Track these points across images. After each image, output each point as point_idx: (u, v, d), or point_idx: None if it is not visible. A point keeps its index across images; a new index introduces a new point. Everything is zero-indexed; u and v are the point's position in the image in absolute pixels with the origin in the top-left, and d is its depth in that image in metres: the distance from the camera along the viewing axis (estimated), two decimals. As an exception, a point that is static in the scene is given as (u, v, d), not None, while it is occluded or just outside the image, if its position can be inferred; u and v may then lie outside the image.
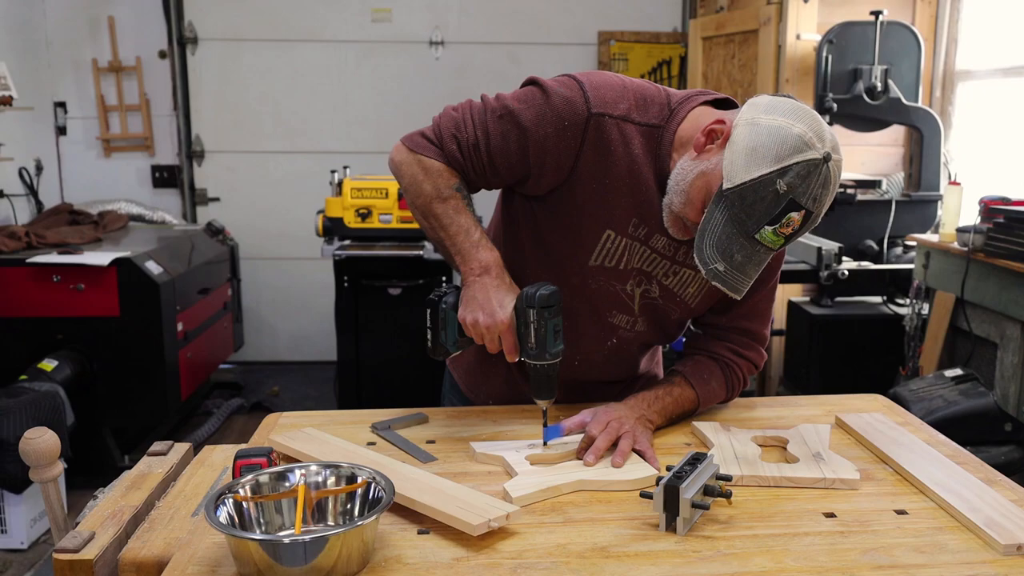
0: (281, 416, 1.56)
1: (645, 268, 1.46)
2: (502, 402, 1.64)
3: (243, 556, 1.00)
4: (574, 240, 1.43)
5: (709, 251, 1.26)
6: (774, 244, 1.25)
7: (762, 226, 1.23)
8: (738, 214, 1.24)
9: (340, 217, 3.60)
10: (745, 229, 1.24)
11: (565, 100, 1.36)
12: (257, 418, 1.63)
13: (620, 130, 1.37)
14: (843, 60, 3.62)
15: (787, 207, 1.21)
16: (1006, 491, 1.24)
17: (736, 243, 1.25)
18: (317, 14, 4.84)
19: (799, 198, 1.21)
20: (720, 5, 4.53)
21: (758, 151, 1.22)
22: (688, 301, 1.50)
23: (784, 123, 1.22)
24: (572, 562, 1.05)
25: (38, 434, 1.28)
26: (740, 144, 1.24)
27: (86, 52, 4.65)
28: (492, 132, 1.39)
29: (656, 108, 1.39)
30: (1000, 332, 2.83)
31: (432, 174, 1.41)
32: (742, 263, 1.26)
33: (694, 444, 1.44)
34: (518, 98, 1.39)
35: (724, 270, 1.26)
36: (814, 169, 1.20)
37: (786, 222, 1.22)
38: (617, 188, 1.39)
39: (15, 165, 4.19)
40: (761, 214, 1.22)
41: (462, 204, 1.41)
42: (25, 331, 3.35)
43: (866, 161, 4.08)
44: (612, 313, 1.50)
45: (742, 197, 1.23)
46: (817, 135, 1.21)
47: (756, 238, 1.24)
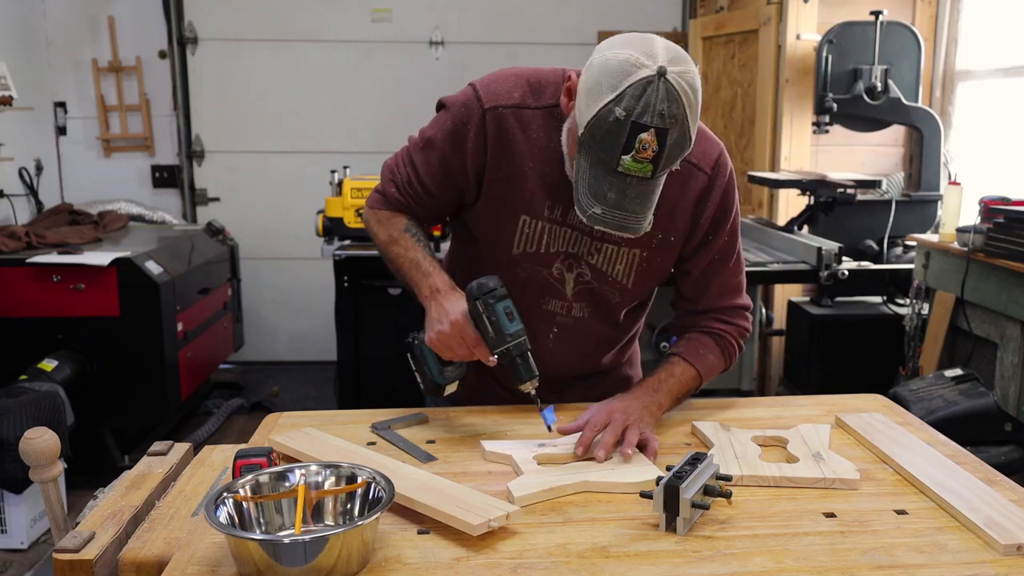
0: (281, 416, 1.56)
1: (570, 250, 1.50)
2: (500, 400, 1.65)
3: (243, 556, 1.00)
4: (496, 233, 1.51)
5: (584, 199, 1.28)
6: (642, 171, 1.23)
7: (619, 156, 1.22)
8: (596, 153, 1.25)
9: (340, 217, 3.60)
10: (607, 165, 1.24)
11: (462, 106, 1.46)
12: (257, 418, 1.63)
13: (517, 117, 1.44)
14: (843, 60, 3.62)
15: (633, 130, 1.20)
16: (1006, 491, 1.24)
17: (605, 182, 1.25)
18: (317, 14, 4.84)
19: (640, 118, 1.20)
20: (720, 5, 4.53)
21: (592, 88, 1.24)
22: (621, 279, 1.52)
23: (611, 54, 1.24)
24: (572, 562, 1.05)
25: (38, 434, 1.28)
26: (582, 89, 1.27)
27: (86, 52, 4.65)
28: (418, 163, 1.51)
29: (551, 88, 1.46)
30: (1000, 332, 2.83)
31: (384, 222, 1.56)
32: (618, 200, 1.26)
33: (694, 444, 1.44)
34: (432, 124, 1.51)
35: (602, 212, 1.26)
36: (648, 86, 1.19)
37: (640, 146, 1.21)
38: (525, 173, 1.45)
39: (15, 165, 4.19)
40: (612, 145, 1.22)
41: (412, 242, 1.53)
42: (25, 331, 3.35)
43: (866, 161, 4.08)
44: (545, 299, 1.53)
45: (592, 136, 1.24)
46: (646, 54, 1.21)
47: (619, 171, 1.23)
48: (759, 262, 3.33)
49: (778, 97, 4.01)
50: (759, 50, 4.10)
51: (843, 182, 3.49)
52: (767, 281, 3.76)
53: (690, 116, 1.23)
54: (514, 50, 4.92)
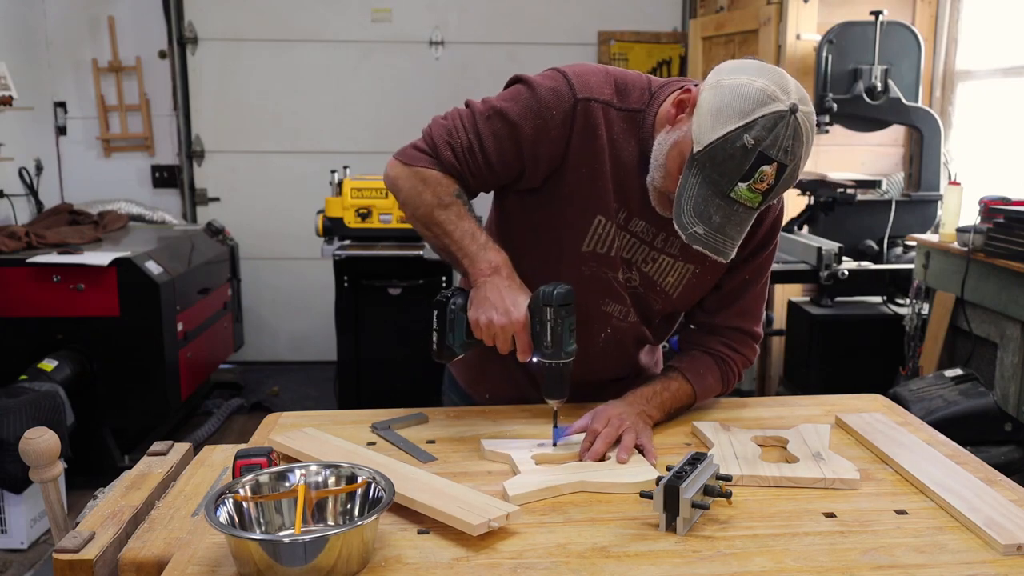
0: (281, 416, 1.56)
1: (626, 255, 1.48)
2: (500, 398, 1.65)
3: (243, 556, 1.00)
4: (566, 227, 1.45)
5: (687, 216, 1.26)
6: (752, 201, 1.24)
7: (735, 183, 1.22)
8: (711, 175, 1.24)
9: (340, 217, 3.60)
10: (720, 189, 1.24)
11: (551, 90, 1.39)
12: (257, 418, 1.63)
13: (605, 115, 1.41)
14: (843, 60, 3.61)
15: (757, 161, 1.21)
16: (1006, 491, 1.24)
17: (712, 204, 1.24)
18: (317, 14, 4.84)
19: (768, 151, 1.20)
20: (720, 5, 4.53)
21: (722, 110, 1.23)
22: (668, 291, 1.51)
23: (746, 80, 1.23)
24: (572, 562, 1.05)
25: (38, 434, 1.28)
26: (705, 106, 1.25)
27: (86, 52, 4.65)
28: (484, 133, 1.41)
29: (637, 93, 1.43)
30: (1000, 332, 2.83)
31: (431, 183, 1.42)
32: (721, 224, 1.25)
33: (694, 444, 1.44)
34: (505, 97, 1.43)
35: (704, 232, 1.25)
36: (780, 120, 1.20)
37: (759, 177, 1.22)
38: (603, 173, 1.42)
39: (15, 165, 4.19)
40: (733, 171, 1.22)
41: (464, 209, 1.43)
42: (25, 331, 3.35)
43: (866, 161, 4.08)
44: (605, 302, 1.51)
45: (712, 157, 1.23)
46: (781, 88, 1.22)
47: (732, 196, 1.23)
48: (759, 262, 3.32)
49: (778, 97, 4.00)
50: (759, 50, 4.10)
51: (843, 182, 3.49)
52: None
53: (805, 157, 1.25)
54: (514, 50, 4.92)
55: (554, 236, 1.47)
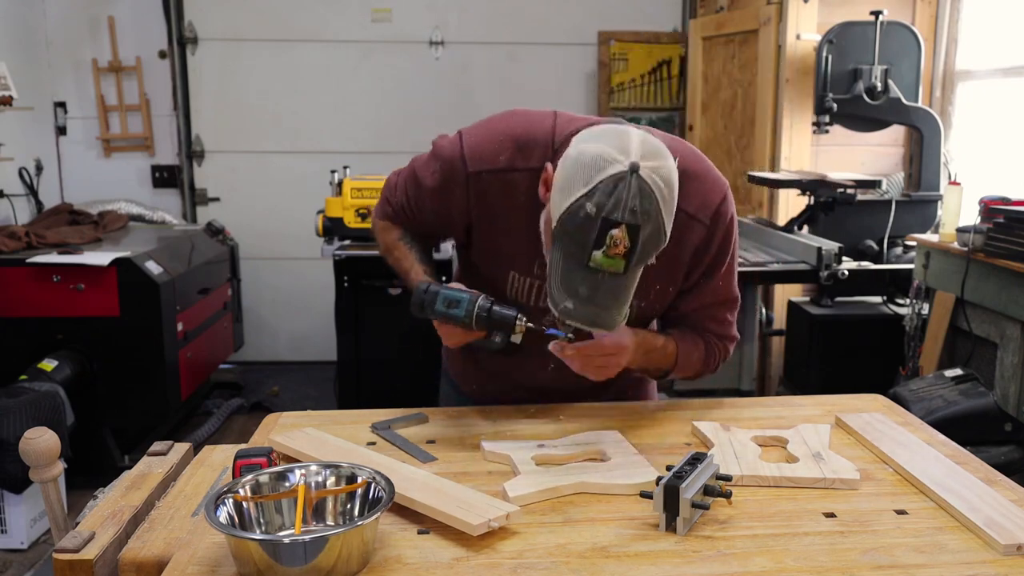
0: (281, 416, 1.56)
1: None
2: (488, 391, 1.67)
3: (243, 556, 1.00)
4: (492, 276, 1.53)
5: (557, 293, 1.25)
6: (615, 267, 1.21)
7: (590, 252, 1.20)
8: (568, 247, 1.22)
9: (340, 217, 3.60)
10: (579, 260, 1.22)
11: (447, 162, 1.48)
12: (257, 418, 1.63)
13: (503, 181, 1.44)
14: (843, 60, 3.61)
15: (603, 226, 1.18)
16: (1006, 491, 1.24)
17: (576, 277, 1.23)
18: (317, 14, 4.84)
19: (611, 215, 1.17)
20: (720, 5, 4.53)
21: (567, 181, 1.22)
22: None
23: (584, 148, 1.23)
24: (572, 562, 1.05)
25: (38, 434, 1.28)
26: (557, 181, 1.25)
27: (86, 52, 4.64)
28: (410, 195, 1.57)
29: (539, 150, 1.43)
30: (1000, 332, 2.83)
31: (381, 231, 1.65)
32: (590, 295, 1.23)
33: (694, 444, 1.44)
34: (420, 162, 1.55)
35: (574, 307, 1.24)
36: (620, 182, 1.17)
37: (611, 242, 1.19)
38: (510, 233, 1.46)
39: (15, 165, 4.19)
40: (583, 240, 1.20)
41: (404, 251, 1.61)
42: (25, 331, 3.35)
43: (866, 161, 4.08)
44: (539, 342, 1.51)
45: (565, 230, 1.22)
46: (619, 149, 1.19)
47: (591, 266, 1.21)
48: (759, 262, 3.33)
49: (778, 97, 4.01)
50: (759, 50, 4.10)
51: (843, 182, 3.49)
52: (767, 281, 3.75)
53: (664, 211, 1.21)
54: (514, 50, 4.93)
55: (486, 280, 1.53)
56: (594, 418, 1.53)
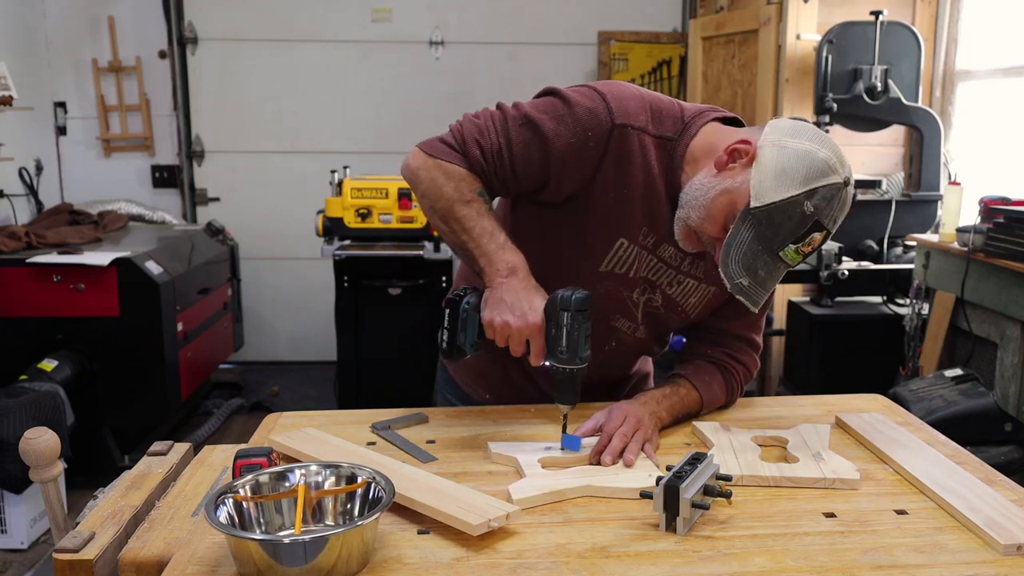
0: (281, 416, 1.56)
1: (651, 277, 1.48)
2: (499, 398, 1.65)
3: (243, 556, 1.00)
4: (586, 245, 1.44)
5: (735, 266, 1.30)
6: (793, 261, 1.31)
7: (786, 244, 1.29)
8: (764, 232, 1.28)
9: (340, 217, 3.60)
10: (771, 246, 1.29)
11: (588, 111, 1.37)
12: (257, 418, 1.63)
13: (640, 141, 1.39)
14: (843, 60, 3.62)
15: (812, 227, 1.28)
16: (1006, 491, 1.24)
17: (761, 259, 1.30)
18: (317, 14, 4.84)
19: (823, 219, 1.28)
20: (720, 5, 4.53)
21: (787, 173, 1.27)
22: (689, 311, 1.53)
23: (811, 147, 1.29)
24: (572, 562, 1.05)
25: (38, 434, 1.28)
26: (769, 165, 1.28)
27: (86, 52, 4.65)
28: (515, 140, 1.38)
29: (670, 121, 1.42)
30: (1000, 332, 2.83)
31: (454, 178, 1.40)
32: (764, 278, 1.32)
33: (694, 444, 1.44)
34: (539, 108, 1.39)
35: (748, 284, 1.31)
36: (837, 193, 1.29)
37: (808, 241, 1.29)
38: (632, 198, 1.41)
39: (15, 165, 4.19)
40: (787, 233, 1.28)
41: (484, 208, 1.40)
42: (25, 331, 3.35)
43: (866, 161, 4.08)
44: (616, 317, 1.51)
45: (770, 216, 1.28)
46: (840, 161, 1.30)
47: (780, 255, 1.30)
48: (759, 262, 3.32)
49: (778, 97, 4.00)
50: (759, 50, 4.10)
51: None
52: (767, 281, 3.75)
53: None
54: (514, 50, 4.93)
55: (570, 253, 1.45)
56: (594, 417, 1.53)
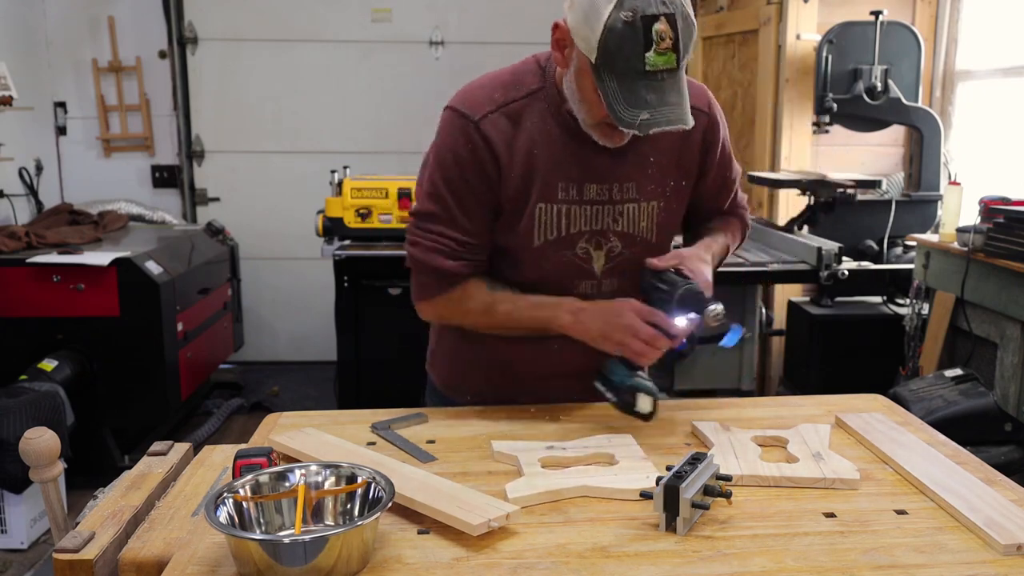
0: (281, 416, 1.56)
1: (594, 227, 1.49)
2: (482, 400, 1.64)
3: (243, 556, 1.00)
4: (517, 231, 1.49)
5: (626, 114, 1.27)
6: (669, 63, 1.25)
7: (643, 57, 1.24)
8: (619, 66, 1.26)
9: (340, 217, 3.60)
10: (637, 70, 1.25)
11: (449, 134, 1.46)
12: (257, 418, 1.63)
13: (508, 115, 1.44)
14: (843, 60, 3.61)
15: (645, 25, 1.23)
16: (1006, 491, 1.24)
17: (639, 87, 1.26)
18: (317, 14, 4.84)
19: (647, 10, 1.22)
20: (720, 5, 4.53)
21: (590, 11, 1.25)
22: (646, 236, 1.53)
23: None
24: (572, 562, 1.05)
25: (38, 434, 1.28)
26: (575, 21, 1.29)
27: (86, 52, 4.65)
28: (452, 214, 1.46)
29: (530, 76, 1.48)
30: (1000, 332, 2.83)
31: (461, 300, 1.51)
32: (659, 98, 1.27)
33: (694, 444, 1.44)
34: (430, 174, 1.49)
35: (650, 115, 1.27)
36: None
37: (658, 38, 1.23)
38: (533, 164, 1.45)
39: (15, 165, 4.19)
40: (633, 50, 1.24)
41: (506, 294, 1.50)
42: (25, 331, 3.35)
43: (866, 161, 4.08)
44: (574, 283, 1.53)
45: (609, 52, 1.25)
46: None
47: (649, 70, 1.25)
48: (759, 262, 3.33)
49: (778, 97, 4.01)
50: (759, 50, 4.10)
51: (843, 182, 3.49)
52: (767, 281, 3.75)
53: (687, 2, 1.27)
54: (514, 50, 4.84)
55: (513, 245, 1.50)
56: (594, 419, 1.53)
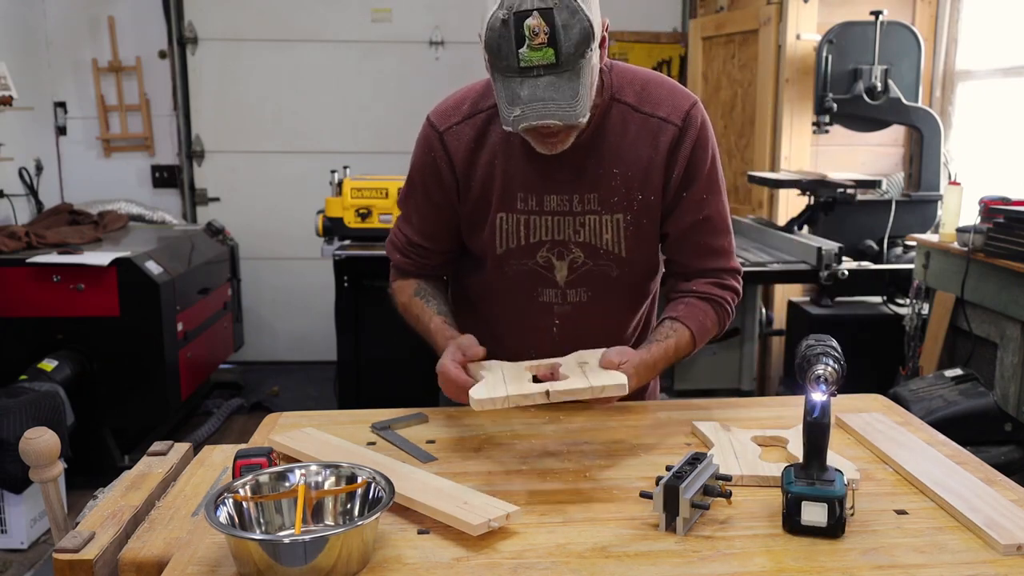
0: (281, 416, 1.56)
1: (555, 237, 1.50)
2: None
3: (243, 556, 1.00)
4: (480, 238, 1.53)
5: (505, 112, 1.29)
6: (545, 57, 1.24)
7: (516, 52, 1.24)
8: (498, 65, 1.27)
9: (340, 217, 3.60)
10: (512, 67, 1.25)
11: (422, 139, 1.53)
12: (257, 418, 1.63)
13: (472, 126, 1.49)
14: (843, 60, 3.62)
15: (516, 22, 1.23)
16: (1006, 491, 1.24)
17: (513, 84, 1.27)
18: (317, 14, 4.84)
19: (520, 8, 1.22)
20: (720, 5, 4.53)
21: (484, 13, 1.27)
22: (613, 249, 1.51)
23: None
24: (572, 562, 1.05)
25: (38, 434, 1.28)
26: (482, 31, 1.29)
27: (86, 52, 4.65)
28: (410, 215, 1.59)
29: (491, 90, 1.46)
30: (1000, 332, 2.83)
31: (397, 291, 1.64)
32: (531, 92, 1.26)
33: (694, 444, 1.44)
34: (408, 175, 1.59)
35: (521, 111, 1.26)
36: None
37: (530, 33, 1.23)
38: (494, 174, 1.48)
39: (15, 165, 4.19)
40: (508, 46, 1.24)
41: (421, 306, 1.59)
42: (25, 331, 3.35)
43: (866, 161, 4.08)
44: (538, 291, 1.54)
45: (491, 51, 1.27)
46: None
47: (523, 66, 1.25)
48: (759, 262, 3.33)
49: (778, 97, 4.01)
50: (759, 50, 4.10)
51: (843, 182, 3.49)
52: (767, 281, 3.76)
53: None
54: (514, 50, 4.92)
55: (476, 253, 1.56)
56: (595, 417, 1.53)
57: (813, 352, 1.18)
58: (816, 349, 1.18)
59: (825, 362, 1.15)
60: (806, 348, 1.20)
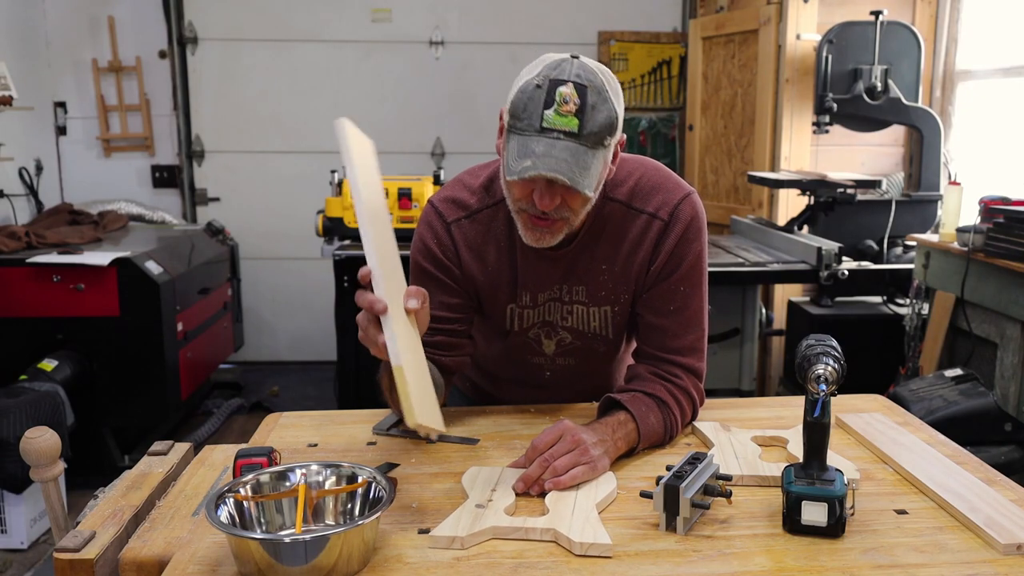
0: (281, 416, 1.56)
1: (545, 318, 1.53)
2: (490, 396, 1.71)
3: (244, 555, 1.00)
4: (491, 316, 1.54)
5: (514, 163, 1.26)
6: (569, 124, 1.24)
7: (542, 114, 1.24)
8: (519, 125, 1.27)
9: (340, 217, 3.60)
10: (532, 127, 1.25)
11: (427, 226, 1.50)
12: (257, 418, 1.63)
13: (478, 221, 1.49)
14: (843, 60, 3.62)
15: (551, 87, 1.24)
16: (1006, 491, 1.24)
17: (531, 142, 1.25)
18: (317, 14, 4.84)
19: (558, 77, 1.24)
20: (720, 5, 4.53)
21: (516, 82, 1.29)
22: (601, 333, 1.53)
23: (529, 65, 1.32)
24: (572, 562, 1.05)
25: (38, 434, 1.28)
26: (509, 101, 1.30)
27: (86, 52, 4.65)
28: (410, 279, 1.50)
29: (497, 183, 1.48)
30: (1000, 332, 2.83)
31: None
32: (546, 150, 1.24)
33: (694, 444, 1.44)
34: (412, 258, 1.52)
35: (531, 163, 1.24)
36: (563, 61, 1.27)
37: (560, 99, 1.23)
38: (500, 268, 1.49)
39: (15, 165, 4.19)
40: (535, 107, 1.25)
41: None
42: (25, 331, 3.35)
43: (866, 161, 4.08)
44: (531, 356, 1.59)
45: (515, 112, 1.27)
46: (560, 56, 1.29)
47: (544, 126, 1.24)
48: (759, 262, 3.33)
49: (778, 97, 4.01)
50: (759, 50, 4.10)
51: (843, 182, 3.49)
52: (767, 281, 3.75)
53: (608, 87, 1.26)
54: (514, 50, 4.92)
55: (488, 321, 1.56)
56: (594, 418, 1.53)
57: (813, 352, 1.17)
58: (816, 349, 1.17)
59: (825, 362, 1.14)
60: (806, 348, 1.19)
